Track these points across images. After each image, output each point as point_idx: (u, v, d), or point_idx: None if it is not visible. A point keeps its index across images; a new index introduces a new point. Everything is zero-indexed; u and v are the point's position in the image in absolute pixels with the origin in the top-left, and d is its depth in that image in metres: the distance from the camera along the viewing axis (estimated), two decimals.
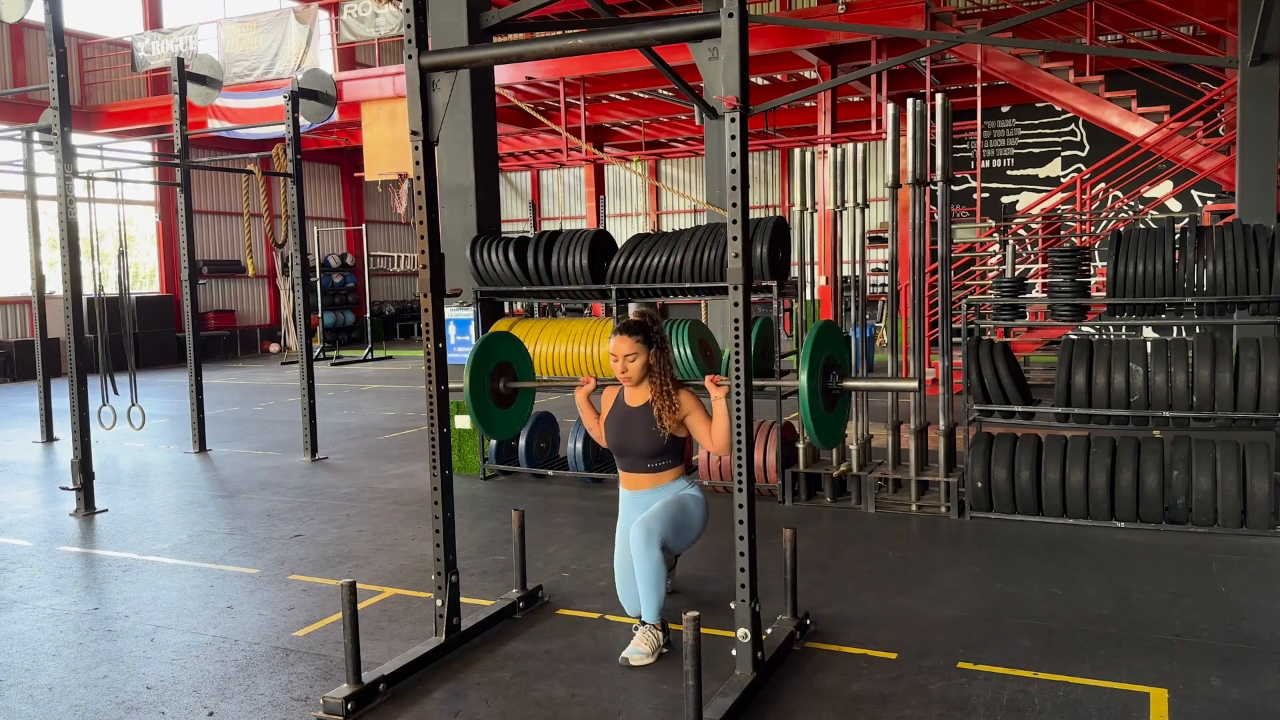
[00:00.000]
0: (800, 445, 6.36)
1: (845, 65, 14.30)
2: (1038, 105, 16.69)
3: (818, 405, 3.82)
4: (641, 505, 4.10)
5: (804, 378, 3.76)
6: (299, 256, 8.73)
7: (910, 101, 6.01)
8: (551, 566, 5.10)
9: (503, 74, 14.17)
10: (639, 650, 3.80)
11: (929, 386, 9.39)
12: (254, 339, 21.41)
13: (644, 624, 3.89)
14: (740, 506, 3.44)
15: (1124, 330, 13.08)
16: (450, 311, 7.31)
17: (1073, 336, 7.26)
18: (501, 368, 4.55)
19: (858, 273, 6.47)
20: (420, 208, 3.79)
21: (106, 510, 6.61)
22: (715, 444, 3.97)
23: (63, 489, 7.01)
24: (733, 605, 3.49)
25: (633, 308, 4.77)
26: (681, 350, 6.52)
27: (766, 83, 17.15)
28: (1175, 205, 15.78)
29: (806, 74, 16.39)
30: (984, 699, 3.42)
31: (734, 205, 3.34)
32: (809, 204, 6.51)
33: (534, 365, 6.97)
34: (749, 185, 3.40)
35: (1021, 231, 13.50)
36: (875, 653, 3.85)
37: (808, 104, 17.79)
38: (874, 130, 13.59)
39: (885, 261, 12.22)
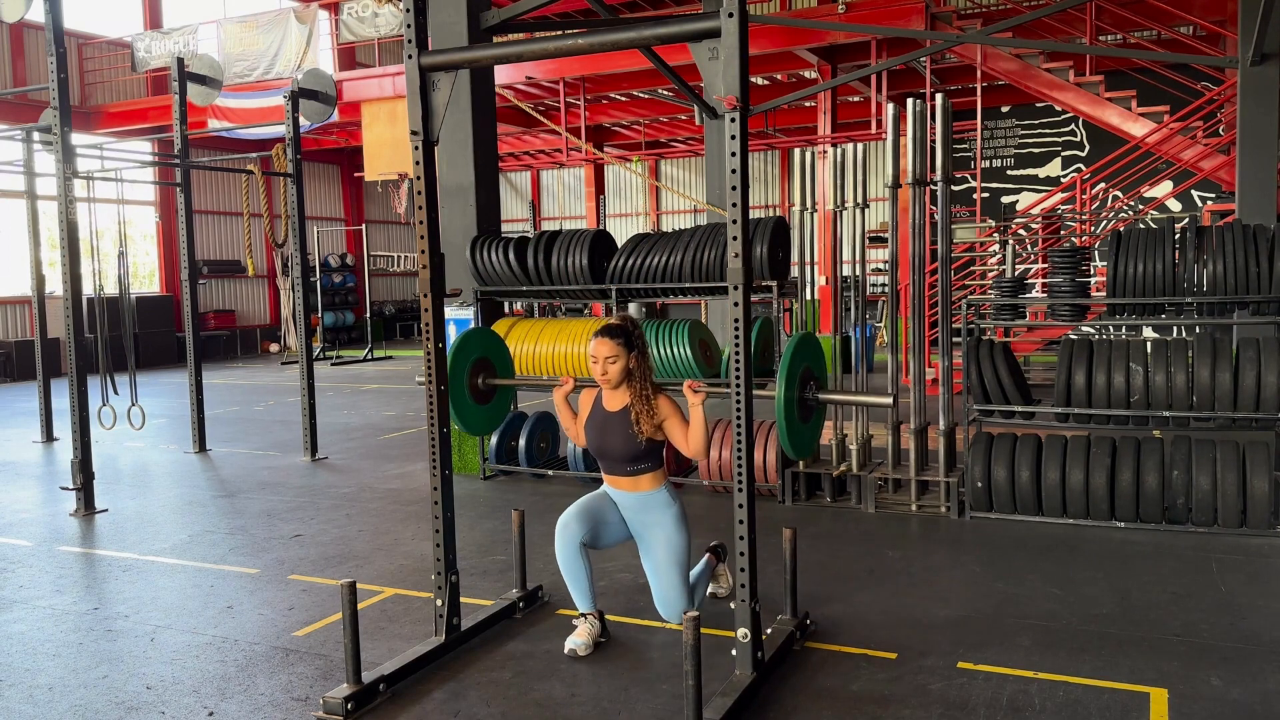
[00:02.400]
0: None
1: (845, 65, 14.31)
2: (1038, 105, 16.69)
3: (793, 415, 3.90)
4: (625, 504, 4.11)
5: (781, 388, 3.82)
6: (299, 256, 8.73)
7: (910, 101, 6.01)
8: (551, 566, 5.08)
9: (503, 74, 14.17)
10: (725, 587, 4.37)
11: (929, 386, 9.40)
12: (254, 339, 21.41)
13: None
14: (740, 506, 3.44)
15: (1124, 330, 13.08)
16: (450, 311, 7.31)
17: (1073, 336, 7.26)
18: (480, 364, 4.55)
19: (858, 273, 6.47)
20: (420, 208, 3.79)
21: (106, 510, 6.61)
22: (691, 449, 3.97)
23: (63, 489, 7.01)
24: (733, 605, 3.49)
25: (632, 307, 4.78)
26: (681, 350, 6.52)
27: (766, 83, 17.15)
28: (1175, 205, 15.78)
29: (806, 74, 16.39)
30: (984, 699, 3.42)
31: (734, 205, 3.34)
32: (809, 204, 6.51)
33: (534, 365, 7.01)
34: (749, 185, 3.40)
35: (1021, 231, 13.51)
36: (875, 653, 3.85)
37: (808, 104, 17.79)
38: (874, 130, 13.59)
39: (885, 261, 12.22)
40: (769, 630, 3.87)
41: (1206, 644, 3.86)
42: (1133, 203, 15.06)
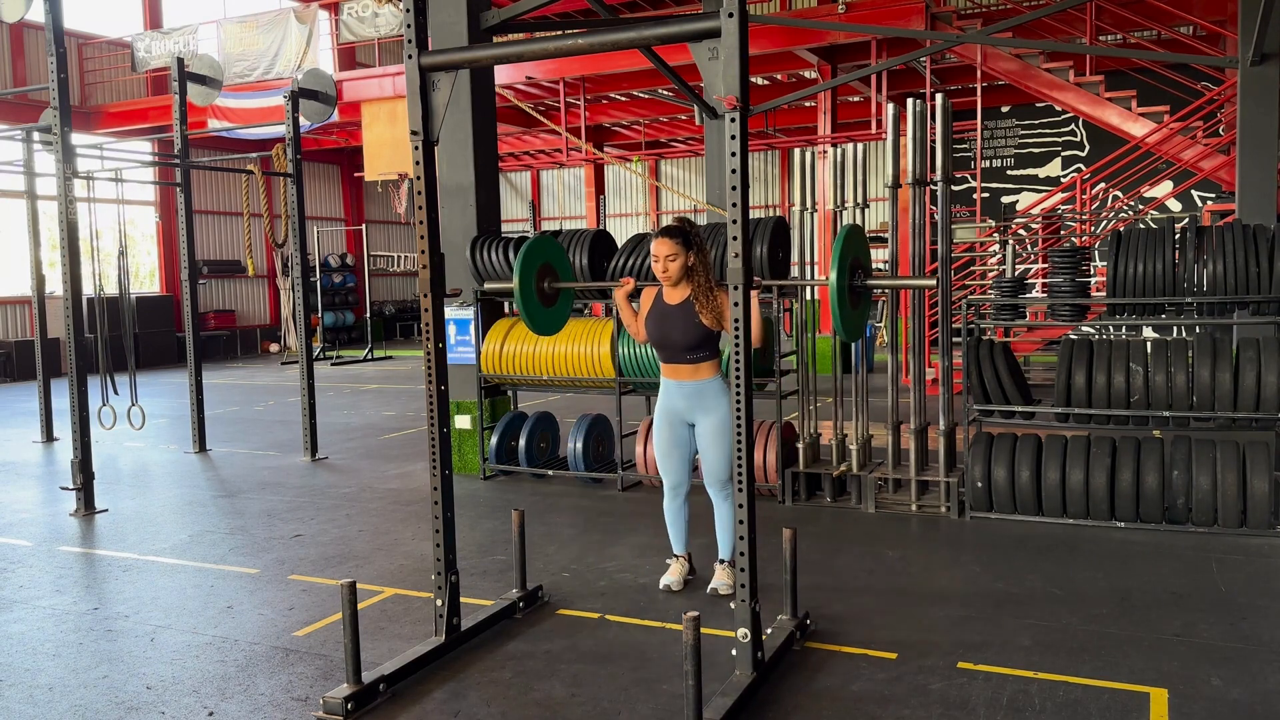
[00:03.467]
0: (800, 445, 6.36)
1: (845, 65, 14.30)
2: (1038, 105, 16.68)
3: (845, 301, 4.20)
4: (684, 393, 4.45)
5: (833, 275, 4.12)
6: (299, 256, 8.73)
7: (910, 101, 6.01)
8: (551, 566, 5.10)
9: (503, 74, 14.16)
10: (724, 583, 4.48)
11: (929, 386, 9.39)
12: (254, 339, 21.41)
13: (722, 562, 4.57)
14: (740, 506, 3.44)
15: (1124, 330, 13.08)
16: (450, 311, 7.31)
17: (1073, 336, 7.26)
18: (545, 269, 4.86)
19: None
20: (420, 208, 3.80)
21: (106, 510, 6.61)
22: (754, 336, 4.16)
23: (63, 489, 7.01)
24: (733, 605, 3.49)
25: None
26: None
27: (766, 83, 17.15)
28: (1175, 205, 15.78)
29: (806, 74, 16.38)
30: (984, 699, 3.42)
31: (734, 205, 3.34)
32: (809, 204, 6.51)
33: (534, 365, 7.01)
34: (749, 185, 3.40)
35: (1021, 231, 13.50)
36: (875, 653, 3.85)
37: (808, 104, 17.78)
38: (874, 130, 13.59)
39: (885, 261, 12.22)
40: (769, 630, 3.87)
41: (1206, 644, 3.86)
42: (1133, 203, 15.06)
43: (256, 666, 3.88)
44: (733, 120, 3.32)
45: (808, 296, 6.71)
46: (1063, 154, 17.29)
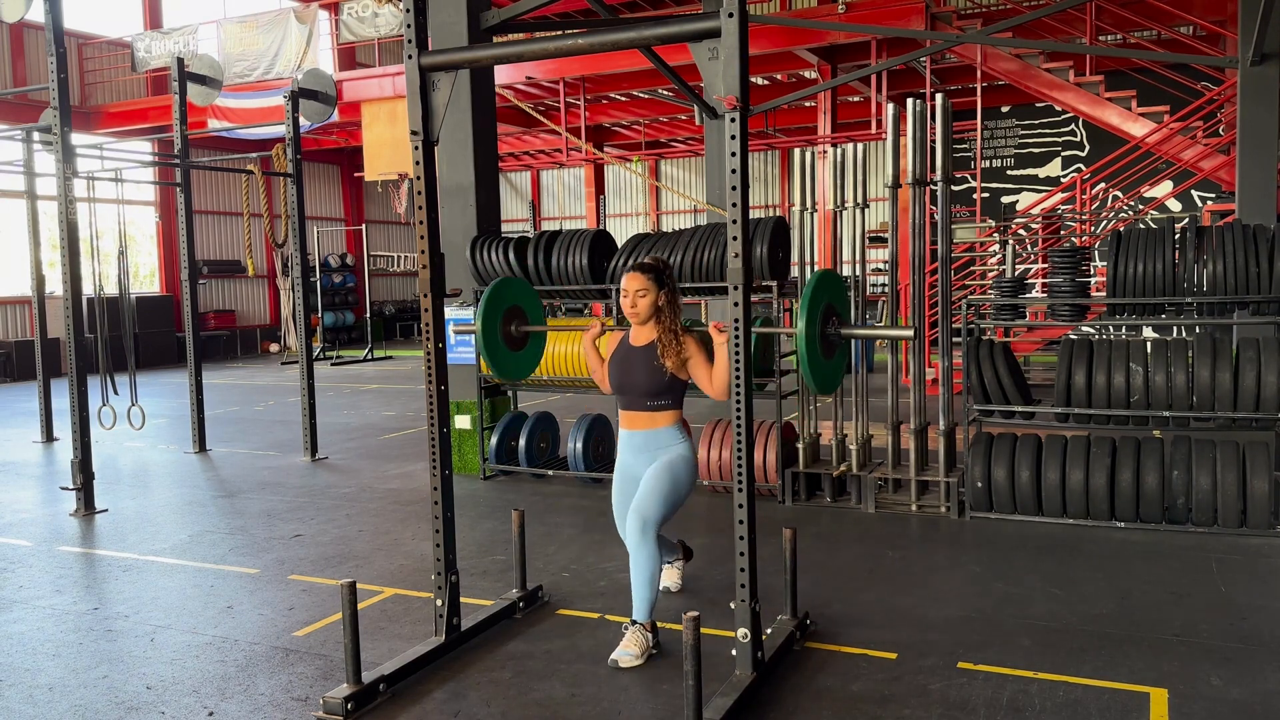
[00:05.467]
0: (800, 445, 6.36)
1: (845, 65, 14.30)
2: (1038, 105, 16.69)
3: (815, 352, 3.87)
4: (636, 446, 4.07)
5: (802, 324, 3.79)
6: (299, 256, 8.73)
7: (910, 101, 6.01)
8: (551, 566, 5.10)
9: (503, 74, 14.16)
10: (628, 652, 3.79)
11: (929, 386, 9.39)
12: (254, 339, 21.41)
13: (634, 623, 3.87)
14: (740, 506, 3.44)
15: (1124, 330, 13.08)
16: (450, 311, 7.30)
17: (1073, 336, 7.26)
18: (513, 311, 4.67)
19: (858, 273, 6.47)
20: (420, 208, 3.79)
21: (106, 510, 6.61)
22: (715, 388, 3.95)
23: (63, 489, 7.00)
24: (733, 605, 3.49)
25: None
26: None
27: (766, 83, 17.15)
28: (1175, 205, 15.78)
29: (806, 74, 16.38)
30: (984, 699, 3.42)
31: (734, 205, 3.34)
32: (809, 204, 6.51)
33: (534, 365, 7.00)
34: (749, 185, 3.40)
35: (1021, 231, 13.50)
36: (875, 653, 3.85)
37: (808, 104, 17.78)
38: (874, 130, 13.59)
39: (885, 261, 12.21)
40: (769, 630, 3.87)
41: (1206, 644, 3.86)
42: (1133, 203, 15.06)
43: (256, 666, 3.88)
44: (733, 120, 3.32)
45: None
46: (1063, 154, 17.29)
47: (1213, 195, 14.30)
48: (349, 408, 11.72)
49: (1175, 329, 12.29)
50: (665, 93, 17.02)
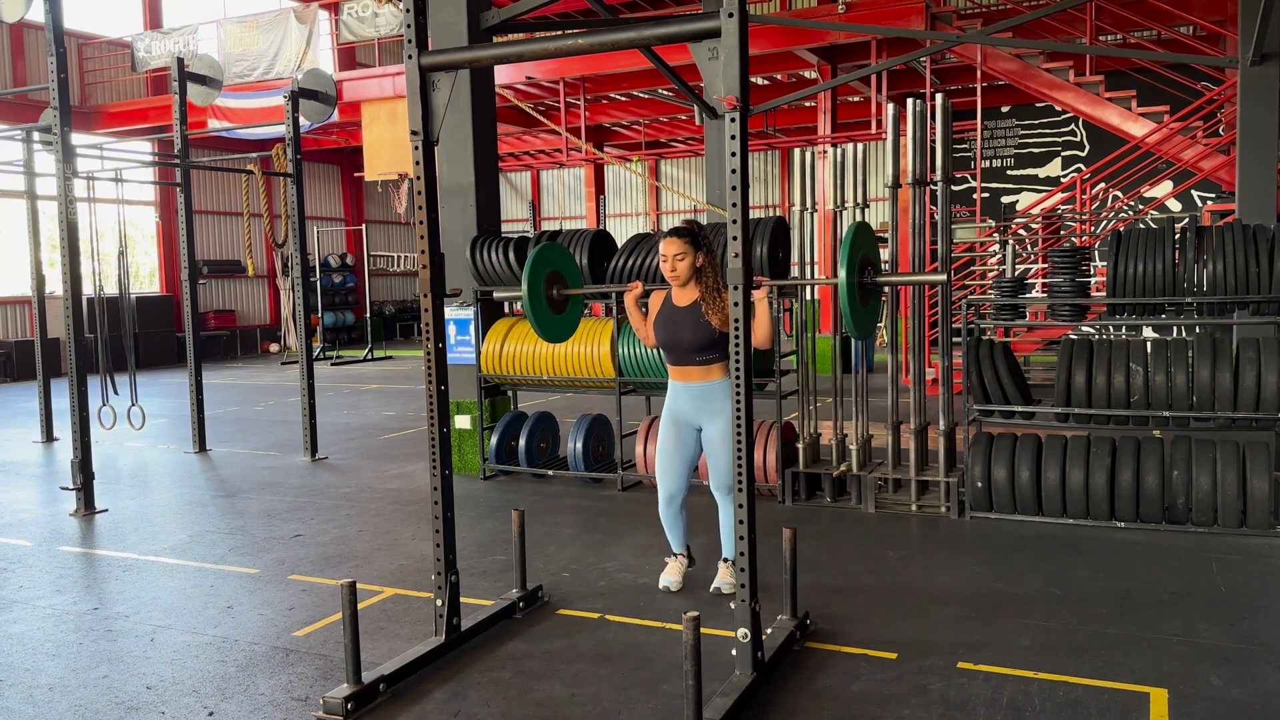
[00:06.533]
0: (800, 445, 6.36)
1: (845, 65, 14.30)
2: (1038, 105, 16.69)
3: (854, 299, 4.18)
4: (694, 394, 4.45)
5: (843, 273, 4.11)
6: (299, 256, 8.73)
7: (910, 101, 6.01)
8: (551, 566, 5.10)
9: (503, 74, 14.17)
10: (729, 582, 4.48)
11: (929, 386, 9.39)
12: (254, 339, 21.41)
13: (727, 561, 4.58)
14: (740, 506, 3.44)
15: (1124, 330, 13.08)
16: (450, 311, 7.31)
17: (1073, 336, 7.26)
18: (554, 276, 4.86)
19: None
20: (420, 208, 3.79)
21: (106, 510, 6.61)
22: (757, 338, 4.20)
23: (63, 489, 7.01)
24: (733, 605, 3.49)
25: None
26: None
27: (766, 83, 17.15)
28: (1175, 205, 15.78)
29: (806, 74, 16.38)
30: (984, 699, 3.42)
31: (734, 205, 3.34)
32: (809, 204, 6.51)
33: (534, 365, 7.01)
34: (749, 185, 3.40)
35: (1021, 231, 13.50)
36: (875, 653, 3.85)
37: (808, 104, 17.78)
38: (874, 130, 13.59)
39: (885, 261, 12.21)
40: (769, 630, 3.87)
41: (1206, 644, 3.86)
42: (1133, 203, 15.06)
43: (256, 666, 3.88)
44: (733, 120, 3.32)
45: (808, 296, 6.71)
46: (1063, 154, 17.29)
47: (1213, 195, 14.31)
48: (349, 408, 11.72)
49: (1175, 329, 12.29)
50: (665, 93, 17.02)
